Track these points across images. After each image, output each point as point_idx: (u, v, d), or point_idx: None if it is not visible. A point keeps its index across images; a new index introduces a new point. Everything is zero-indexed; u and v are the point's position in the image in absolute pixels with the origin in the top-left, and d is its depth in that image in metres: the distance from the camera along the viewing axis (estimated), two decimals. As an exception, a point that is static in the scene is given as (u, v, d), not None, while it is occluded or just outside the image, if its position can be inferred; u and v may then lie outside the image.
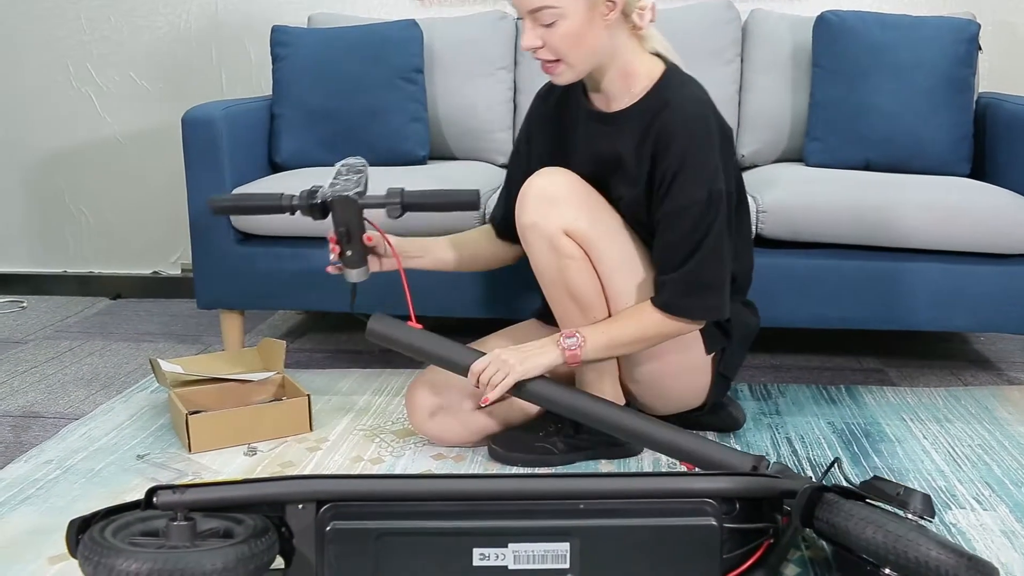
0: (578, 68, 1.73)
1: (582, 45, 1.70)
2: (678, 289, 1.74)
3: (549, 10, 1.66)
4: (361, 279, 1.82)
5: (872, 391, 2.34)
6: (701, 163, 1.70)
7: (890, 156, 2.55)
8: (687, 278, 1.73)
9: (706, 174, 1.70)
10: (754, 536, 1.46)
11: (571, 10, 1.66)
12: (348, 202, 1.73)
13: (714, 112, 1.75)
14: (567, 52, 1.70)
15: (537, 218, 1.75)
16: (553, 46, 1.70)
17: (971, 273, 2.27)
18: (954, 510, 1.73)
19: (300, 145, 2.73)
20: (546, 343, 1.77)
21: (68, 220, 3.45)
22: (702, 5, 2.80)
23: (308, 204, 1.75)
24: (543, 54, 1.72)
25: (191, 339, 2.89)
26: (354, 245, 1.78)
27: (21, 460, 2.00)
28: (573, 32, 1.68)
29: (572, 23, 1.67)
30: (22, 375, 2.56)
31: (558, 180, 1.76)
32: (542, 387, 1.76)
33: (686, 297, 1.74)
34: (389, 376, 2.47)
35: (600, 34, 1.70)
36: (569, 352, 1.74)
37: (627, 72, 1.77)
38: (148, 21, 3.25)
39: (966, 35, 2.55)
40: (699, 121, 1.72)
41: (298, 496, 1.40)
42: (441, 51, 2.84)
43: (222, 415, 2.03)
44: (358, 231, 1.77)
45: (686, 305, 1.75)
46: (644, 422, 1.73)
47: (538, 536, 1.40)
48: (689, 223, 1.71)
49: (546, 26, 1.68)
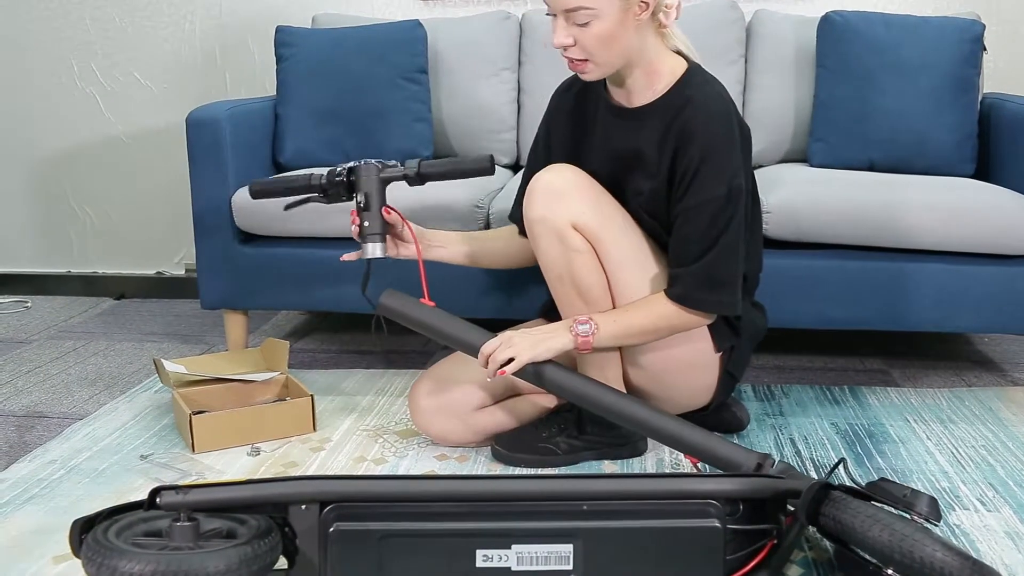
0: (607, 67, 1.75)
1: (614, 46, 1.71)
2: (693, 282, 1.75)
3: (584, 11, 1.68)
4: (376, 255, 1.83)
5: (876, 392, 2.34)
6: (722, 159, 1.72)
7: (894, 156, 2.55)
8: (703, 271, 1.74)
9: (727, 170, 1.72)
10: (758, 537, 1.46)
11: (606, 11, 1.68)
12: (370, 169, 1.84)
13: (735, 111, 1.77)
14: (598, 52, 1.72)
15: (545, 212, 1.75)
16: (585, 45, 1.71)
17: (975, 274, 2.26)
18: (958, 511, 1.73)
19: (304, 145, 2.73)
20: (558, 327, 1.77)
21: (72, 220, 3.46)
22: (706, 5, 2.80)
23: (334, 180, 1.85)
24: (574, 52, 1.73)
25: (195, 339, 2.89)
26: (373, 215, 1.83)
27: (25, 460, 2.00)
28: (607, 33, 1.69)
29: (606, 24, 1.69)
30: (26, 375, 2.56)
31: (566, 175, 1.77)
32: (553, 372, 1.76)
33: (700, 290, 1.75)
34: (393, 376, 2.47)
35: (631, 35, 1.72)
36: (581, 339, 1.75)
37: (651, 70, 1.79)
38: (153, 21, 3.26)
39: (970, 35, 2.55)
40: (721, 118, 1.73)
41: (301, 497, 1.40)
42: (445, 51, 2.84)
43: (226, 415, 2.03)
44: (378, 200, 1.83)
45: (700, 298, 1.75)
46: (652, 412, 1.72)
47: (541, 537, 1.40)
48: (708, 218, 1.73)
49: (579, 25, 1.69)
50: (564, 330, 1.76)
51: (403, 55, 2.72)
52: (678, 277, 1.76)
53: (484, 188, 2.45)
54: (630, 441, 1.96)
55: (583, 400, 1.76)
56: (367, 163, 1.86)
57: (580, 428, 1.93)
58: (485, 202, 2.41)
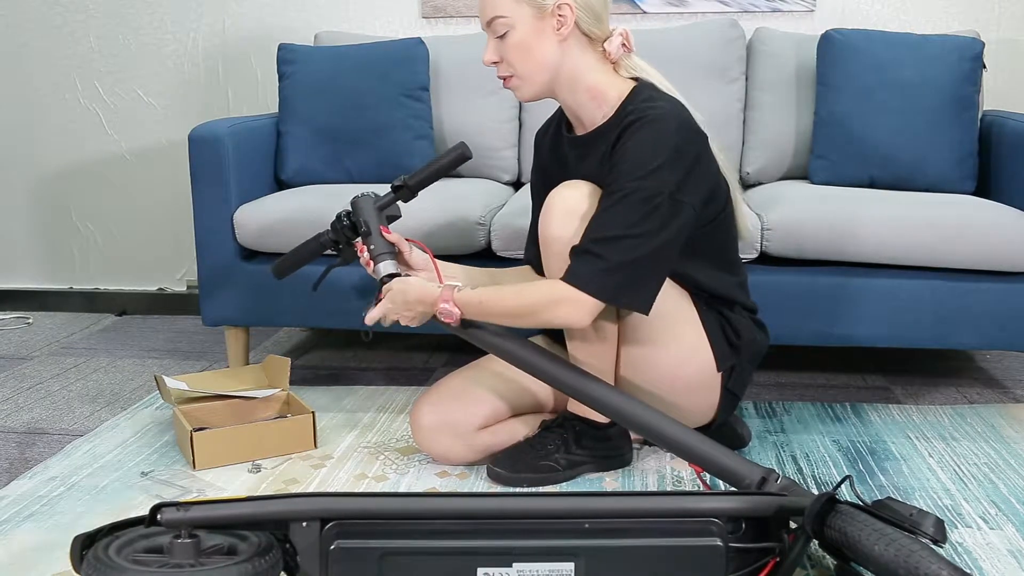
0: (530, 81, 1.79)
1: (531, 57, 1.76)
2: (586, 259, 1.68)
3: (500, 19, 1.75)
4: (390, 271, 1.87)
5: (877, 409, 2.34)
6: (644, 158, 1.67)
7: (895, 174, 2.55)
8: (599, 252, 1.66)
9: (648, 170, 1.66)
10: (760, 555, 1.46)
11: (519, 20, 1.74)
12: (361, 199, 1.95)
13: (678, 122, 1.71)
14: (517, 63, 1.77)
15: (562, 231, 1.75)
16: (507, 58, 1.77)
17: (976, 291, 2.26)
18: (960, 529, 1.72)
19: (306, 162, 2.74)
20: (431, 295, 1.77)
21: (74, 236, 3.46)
22: (707, 23, 2.81)
23: (337, 225, 1.96)
24: (501, 69, 1.80)
25: (196, 356, 2.89)
26: (375, 238, 1.90)
27: (26, 476, 2.00)
28: (522, 42, 1.75)
29: (520, 33, 1.75)
30: (27, 391, 2.56)
31: (585, 192, 1.77)
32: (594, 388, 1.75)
33: (587, 268, 1.67)
34: (394, 393, 2.47)
35: (550, 47, 1.76)
36: (444, 318, 1.78)
37: (596, 93, 1.80)
38: (156, 39, 3.27)
39: (970, 53, 2.56)
40: (655, 125, 1.69)
41: (302, 514, 1.40)
42: (447, 69, 2.85)
43: (227, 432, 2.03)
44: (376, 221, 1.92)
45: (575, 271, 1.68)
46: (661, 418, 1.71)
47: (543, 556, 1.40)
48: (619, 209, 1.67)
49: (500, 38, 1.76)
50: (431, 303, 1.77)
51: (405, 73, 2.73)
52: (573, 252, 1.70)
53: (486, 204, 2.46)
54: (622, 452, 1.97)
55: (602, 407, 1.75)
56: (358, 196, 1.96)
57: (577, 442, 1.93)
58: (487, 218, 2.41)
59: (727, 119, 2.78)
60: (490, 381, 1.99)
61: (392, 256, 1.89)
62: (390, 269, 1.87)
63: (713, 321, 1.87)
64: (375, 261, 1.88)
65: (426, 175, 1.95)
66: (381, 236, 1.90)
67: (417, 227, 2.37)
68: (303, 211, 2.44)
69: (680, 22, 3.03)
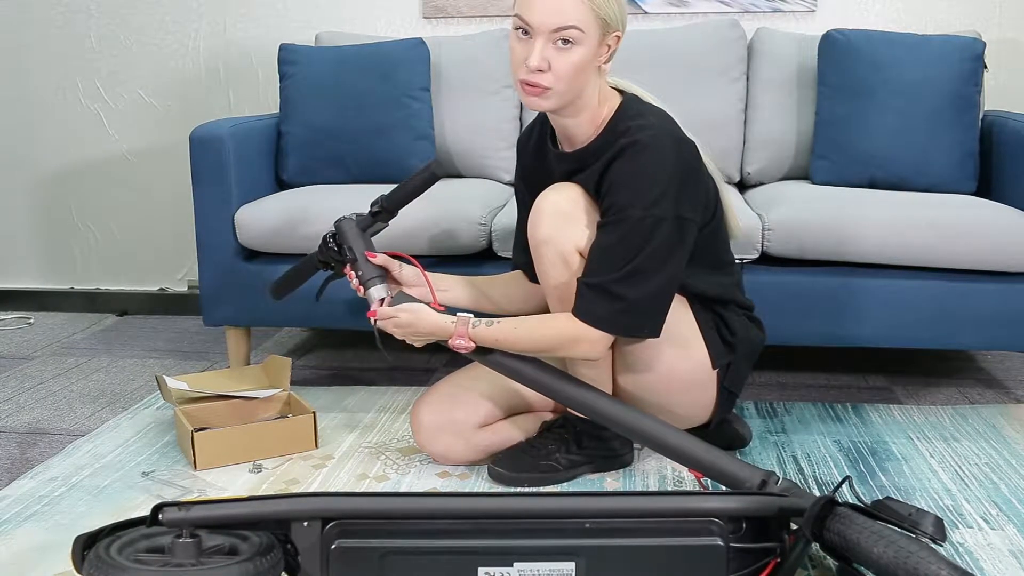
0: (561, 99, 1.70)
1: (579, 77, 1.68)
2: (592, 295, 1.69)
3: (574, 30, 1.63)
4: (382, 296, 1.86)
5: (878, 409, 2.34)
6: (642, 183, 1.67)
7: (896, 174, 2.55)
8: (604, 287, 1.68)
9: (647, 195, 1.66)
10: (761, 555, 1.46)
11: (589, 37, 1.65)
12: (344, 223, 1.95)
13: (672, 139, 1.70)
14: (566, 78, 1.66)
15: (551, 233, 1.74)
16: (557, 71, 1.66)
17: (977, 291, 2.26)
18: (961, 529, 1.72)
19: (307, 163, 2.74)
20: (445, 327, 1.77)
21: (75, 237, 3.47)
22: (708, 23, 2.81)
23: (324, 248, 1.96)
24: (543, 78, 1.66)
25: (197, 356, 2.89)
26: (361, 263, 1.89)
27: (27, 476, 2.00)
28: (581, 61, 1.66)
29: (584, 51, 1.66)
30: (28, 391, 2.56)
31: (572, 195, 1.76)
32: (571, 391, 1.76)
33: (598, 305, 1.69)
34: (395, 394, 2.47)
35: (592, 72, 1.71)
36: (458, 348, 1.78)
37: (594, 115, 1.77)
38: (157, 39, 3.27)
39: (971, 53, 2.56)
40: (650, 150, 1.68)
41: (303, 513, 1.40)
42: (448, 69, 2.85)
43: (228, 432, 2.03)
44: (360, 246, 1.91)
45: (596, 313, 1.69)
46: (664, 428, 1.72)
47: (544, 555, 1.40)
48: (618, 237, 1.68)
49: (560, 49, 1.65)
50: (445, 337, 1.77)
51: (406, 73, 2.73)
52: (578, 289, 1.72)
53: (487, 205, 2.46)
54: (621, 453, 1.97)
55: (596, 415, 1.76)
56: (341, 219, 1.95)
57: (578, 442, 1.93)
58: (487, 219, 2.41)
59: (728, 119, 2.78)
60: (491, 381, 1.99)
61: (382, 280, 1.88)
62: (382, 294, 1.86)
63: (707, 319, 1.87)
64: (365, 287, 1.87)
65: (400, 196, 1.92)
66: (368, 261, 1.89)
67: (417, 227, 2.37)
68: (304, 211, 2.44)
69: (681, 22, 3.03)
